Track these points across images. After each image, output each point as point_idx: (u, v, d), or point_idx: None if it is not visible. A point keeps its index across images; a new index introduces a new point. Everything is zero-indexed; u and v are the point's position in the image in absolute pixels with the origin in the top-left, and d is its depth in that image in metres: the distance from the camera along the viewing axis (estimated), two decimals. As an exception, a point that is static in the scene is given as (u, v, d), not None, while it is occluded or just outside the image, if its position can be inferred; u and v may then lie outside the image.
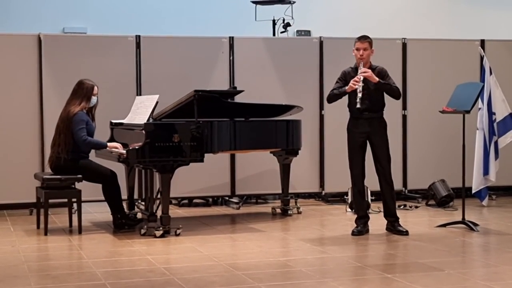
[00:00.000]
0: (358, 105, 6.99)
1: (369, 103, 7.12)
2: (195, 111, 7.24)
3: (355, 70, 7.25)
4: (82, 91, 7.45)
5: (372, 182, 7.65)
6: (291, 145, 8.14)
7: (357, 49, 7.19)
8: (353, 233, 7.19)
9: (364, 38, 7.22)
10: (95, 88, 7.50)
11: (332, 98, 7.33)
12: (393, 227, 7.25)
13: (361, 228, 7.23)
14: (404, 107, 9.54)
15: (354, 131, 7.22)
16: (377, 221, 7.47)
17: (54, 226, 7.69)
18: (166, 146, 7.10)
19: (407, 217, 7.36)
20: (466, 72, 9.54)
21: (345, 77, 7.28)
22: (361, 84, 7.01)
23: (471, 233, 7.26)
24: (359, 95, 7.00)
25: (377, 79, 7.10)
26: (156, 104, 7.30)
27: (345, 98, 7.31)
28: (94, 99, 7.51)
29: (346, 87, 7.12)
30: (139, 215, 7.96)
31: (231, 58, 9.20)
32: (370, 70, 7.12)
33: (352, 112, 7.26)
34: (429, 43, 9.79)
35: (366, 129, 7.17)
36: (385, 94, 7.26)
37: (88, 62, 8.74)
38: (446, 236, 7.12)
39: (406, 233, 7.15)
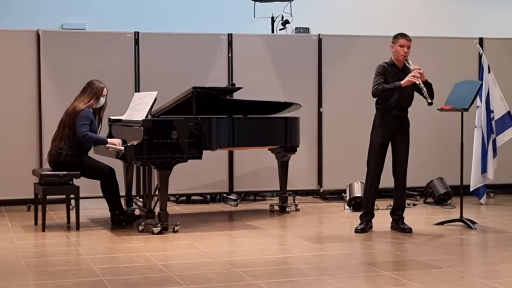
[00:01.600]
0: (429, 100, 6.92)
1: (400, 100, 7.05)
2: (194, 107, 7.24)
3: (391, 66, 7.13)
4: (92, 90, 7.48)
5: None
6: (289, 142, 8.14)
7: (401, 46, 7.06)
8: (356, 231, 7.18)
9: (408, 36, 7.09)
10: (105, 89, 7.53)
11: (383, 92, 7.02)
12: (397, 224, 7.24)
13: (365, 226, 7.21)
14: (403, 105, 9.54)
15: (382, 127, 7.13)
16: (377, 218, 7.44)
17: (51, 222, 7.69)
18: (164, 142, 7.09)
19: (405, 215, 7.35)
20: (465, 70, 9.55)
21: (385, 72, 7.11)
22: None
23: (469, 231, 7.26)
24: (425, 89, 6.94)
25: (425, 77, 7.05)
26: (155, 100, 7.30)
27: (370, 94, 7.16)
28: (102, 100, 7.52)
29: (402, 82, 6.96)
30: (137, 212, 7.94)
31: (229, 55, 9.19)
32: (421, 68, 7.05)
33: (382, 108, 7.13)
34: (428, 41, 9.79)
35: (393, 127, 7.12)
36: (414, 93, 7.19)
37: (87, 58, 8.73)
38: (444, 234, 7.12)
39: (409, 230, 7.14)
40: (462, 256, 6.33)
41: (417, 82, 6.96)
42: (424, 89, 6.97)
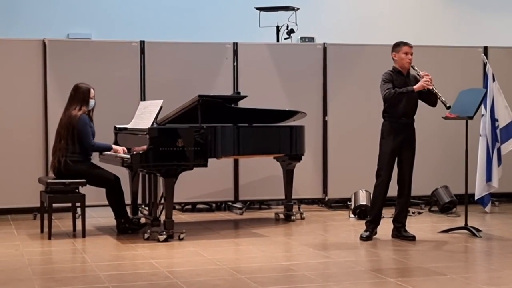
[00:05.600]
0: (447, 104, 7.02)
1: (408, 107, 7.09)
2: (199, 116, 7.27)
3: (397, 73, 7.14)
4: (79, 95, 7.49)
5: (371, 187, 7.64)
6: (295, 151, 8.16)
7: (406, 53, 7.10)
8: (362, 238, 7.19)
9: (410, 43, 7.16)
10: (92, 90, 7.54)
11: (397, 96, 6.99)
12: (399, 232, 7.25)
13: (370, 233, 7.22)
14: (407, 114, 9.55)
15: (392, 135, 7.13)
16: (381, 226, 7.45)
17: (57, 230, 7.72)
18: (170, 151, 7.12)
19: (410, 223, 7.37)
20: (469, 78, 9.56)
21: (392, 79, 7.13)
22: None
23: (474, 239, 7.27)
24: (440, 94, 7.00)
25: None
26: (160, 109, 7.34)
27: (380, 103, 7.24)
28: (92, 102, 7.54)
29: (415, 87, 7.02)
30: (143, 220, 7.97)
31: (235, 63, 9.23)
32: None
33: (390, 117, 7.14)
34: (433, 49, 9.82)
35: (403, 134, 7.13)
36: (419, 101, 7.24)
37: (93, 67, 8.77)
38: (449, 242, 7.13)
39: (413, 238, 7.15)
40: (466, 263, 6.35)
41: (431, 88, 7.01)
42: (439, 93, 7.00)
